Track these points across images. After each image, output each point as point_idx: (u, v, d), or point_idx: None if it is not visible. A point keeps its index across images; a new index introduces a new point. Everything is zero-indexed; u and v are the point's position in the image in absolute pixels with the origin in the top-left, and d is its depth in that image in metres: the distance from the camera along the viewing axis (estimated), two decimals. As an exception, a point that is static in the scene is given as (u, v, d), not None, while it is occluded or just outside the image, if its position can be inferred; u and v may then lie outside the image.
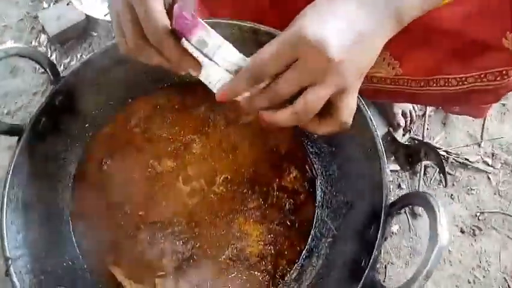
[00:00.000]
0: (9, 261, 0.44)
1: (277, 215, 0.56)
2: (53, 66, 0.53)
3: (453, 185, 1.10)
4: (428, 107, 1.16)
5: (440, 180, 1.07)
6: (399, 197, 0.44)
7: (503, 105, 1.20)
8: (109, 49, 0.55)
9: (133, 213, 0.55)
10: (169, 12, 0.36)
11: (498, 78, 0.62)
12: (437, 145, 1.13)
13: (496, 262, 1.02)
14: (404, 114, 1.10)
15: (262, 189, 0.57)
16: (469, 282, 1.01)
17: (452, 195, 1.09)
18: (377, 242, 0.42)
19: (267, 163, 0.59)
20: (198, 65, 0.38)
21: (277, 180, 0.58)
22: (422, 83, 0.70)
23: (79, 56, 1.27)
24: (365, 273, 0.42)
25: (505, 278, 1.01)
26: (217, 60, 0.36)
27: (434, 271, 0.46)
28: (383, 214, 0.44)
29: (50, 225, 0.52)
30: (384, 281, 1.02)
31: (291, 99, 0.34)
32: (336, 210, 0.54)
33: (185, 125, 0.61)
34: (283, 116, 0.35)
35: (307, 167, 0.58)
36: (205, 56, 0.36)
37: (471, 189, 1.10)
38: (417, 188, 1.08)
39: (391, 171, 1.14)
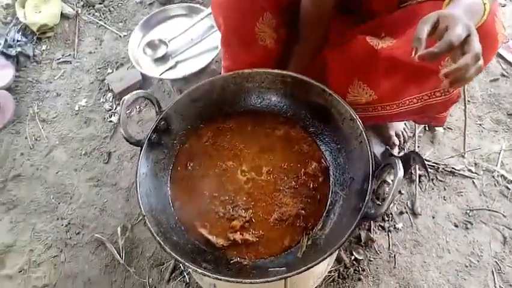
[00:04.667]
0: (145, 216, 0.72)
1: (305, 191, 0.84)
2: (158, 104, 0.85)
3: (444, 189, 1.34)
4: (417, 129, 1.43)
5: (430, 180, 1.32)
6: (376, 167, 0.72)
7: (480, 125, 1.46)
8: (190, 92, 0.87)
9: (211, 194, 0.84)
10: None
11: (443, 94, 0.91)
12: (428, 159, 1.38)
13: (487, 249, 1.22)
14: (397, 135, 1.38)
15: (293, 176, 0.86)
16: (466, 266, 1.21)
17: (444, 197, 1.32)
18: (368, 191, 0.69)
19: (295, 159, 0.88)
20: None
21: (302, 169, 0.86)
22: (394, 106, 1.00)
23: (137, 107, 1.59)
24: (362, 211, 0.68)
25: (496, 262, 1.21)
26: None
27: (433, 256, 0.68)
28: (370, 177, 0.71)
29: (160, 202, 0.81)
30: (394, 267, 1.23)
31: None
32: (343, 184, 0.81)
33: (238, 138, 0.91)
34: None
35: (322, 160, 0.87)
36: None
37: (460, 192, 1.33)
38: (414, 193, 1.32)
39: (392, 180, 1.39)
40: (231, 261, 0.75)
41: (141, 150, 0.79)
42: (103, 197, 1.42)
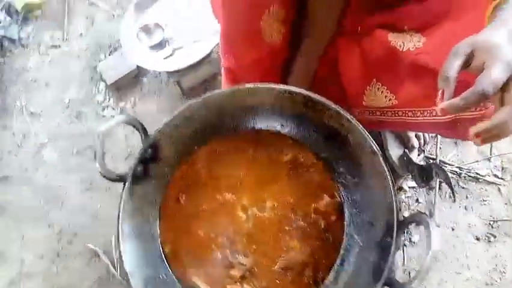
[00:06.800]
0: (129, 275, 0.62)
1: (314, 232, 0.72)
2: (144, 129, 0.71)
3: (466, 197, 1.21)
4: (439, 128, 1.28)
5: (453, 196, 1.19)
6: (404, 217, 0.60)
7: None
8: (182, 111, 0.73)
9: (206, 235, 0.73)
10: None
11: (477, 109, 0.76)
12: (450, 162, 1.25)
13: (511, 266, 1.12)
14: (417, 137, 1.23)
15: (301, 212, 0.74)
16: (487, 284, 1.11)
17: (466, 206, 1.20)
18: (392, 251, 0.58)
19: (303, 192, 0.76)
20: None
21: (313, 204, 0.74)
22: (418, 113, 0.84)
23: (132, 100, 1.46)
24: (384, 274, 0.57)
25: (522, 279, 1.11)
26: None
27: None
28: (395, 231, 0.59)
29: (147, 248, 0.70)
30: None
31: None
32: (360, 227, 0.70)
33: (238, 165, 0.78)
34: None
35: (336, 194, 0.75)
36: None
37: (483, 200, 1.20)
38: (433, 201, 1.21)
39: (409, 187, 1.26)
40: (228, 320, 0.66)
41: (124, 188, 0.68)
42: (96, 203, 1.32)
